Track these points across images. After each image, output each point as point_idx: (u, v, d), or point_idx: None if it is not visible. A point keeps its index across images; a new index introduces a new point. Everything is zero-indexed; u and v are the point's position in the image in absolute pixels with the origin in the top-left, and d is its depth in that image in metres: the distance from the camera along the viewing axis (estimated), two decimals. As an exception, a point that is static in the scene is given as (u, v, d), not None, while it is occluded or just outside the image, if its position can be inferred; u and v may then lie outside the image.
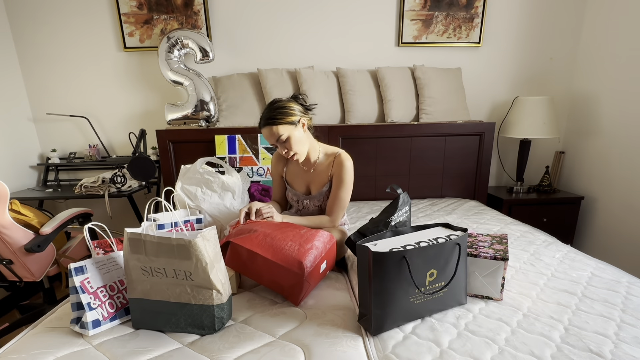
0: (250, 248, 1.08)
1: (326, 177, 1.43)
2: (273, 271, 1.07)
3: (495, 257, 1.04)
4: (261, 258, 1.07)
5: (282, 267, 1.04)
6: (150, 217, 1.39)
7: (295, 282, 1.05)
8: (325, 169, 1.43)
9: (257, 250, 1.07)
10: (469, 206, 2.20)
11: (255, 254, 1.08)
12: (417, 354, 0.84)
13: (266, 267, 1.08)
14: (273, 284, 1.11)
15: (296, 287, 1.05)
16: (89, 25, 2.33)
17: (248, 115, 2.32)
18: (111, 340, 0.92)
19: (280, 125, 1.30)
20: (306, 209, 1.52)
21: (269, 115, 1.32)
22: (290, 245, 1.08)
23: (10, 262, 1.59)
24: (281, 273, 1.06)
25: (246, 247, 1.09)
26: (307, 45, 2.44)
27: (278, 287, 1.10)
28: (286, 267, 1.04)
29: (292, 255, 1.05)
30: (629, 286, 1.16)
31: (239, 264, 1.14)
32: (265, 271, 1.09)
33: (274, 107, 1.33)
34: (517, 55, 2.51)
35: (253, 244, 1.10)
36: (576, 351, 0.84)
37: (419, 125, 2.28)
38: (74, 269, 0.93)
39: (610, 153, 2.28)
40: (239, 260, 1.14)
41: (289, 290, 1.07)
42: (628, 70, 2.14)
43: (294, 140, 1.33)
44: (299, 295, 1.06)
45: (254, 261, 1.10)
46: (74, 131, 2.50)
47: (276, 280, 1.08)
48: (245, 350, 0.86)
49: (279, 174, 1.57)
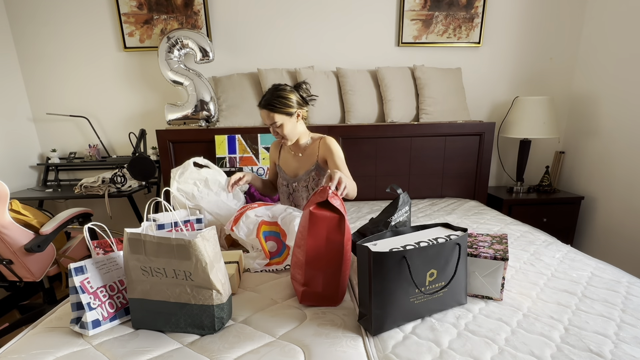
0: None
1: (314, 159, 1.56)
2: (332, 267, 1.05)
3: (495, 257, 1.04)
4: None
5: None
6: (150, 217, 1.39)
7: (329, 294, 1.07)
8: (312, 152, 1.57)
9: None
10: (469, 206, 2.20)
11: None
12: (417, 354, 0.84)
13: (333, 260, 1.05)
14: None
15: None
16: (89, 25, 2.33)
17: (248, 115, 2.32)
18: (111, 340, 0.92)
19: (277, 114, 1.45)
20: (295, 191, 1.64)
21: (269, 101, 1.44)
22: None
23: (10, 262, 1.59)
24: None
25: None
26: (307, 45, 2.44)
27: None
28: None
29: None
30: (629, 286, 1.16)
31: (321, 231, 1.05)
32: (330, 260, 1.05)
33: (275, 94, 1.45)
34: (517, 55, 2.51)
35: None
36: (576, 351, 0.84)
37: (419, 125, 2.28)
38: (74, 269, 0.93)
39: (610, 153, 2.27)
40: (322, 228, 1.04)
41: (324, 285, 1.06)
42: (628, 70, 2.14)
43: (287, 128, 1.48)
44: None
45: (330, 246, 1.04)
46: (74, 131, 2.50)
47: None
48: (245, 350, 0.86)
49: (274, 160, 1.74)
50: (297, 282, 1.10)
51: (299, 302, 1.09)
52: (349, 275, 1.12)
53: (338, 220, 1.03)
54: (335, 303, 1.07)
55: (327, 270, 1.04)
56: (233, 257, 1.26)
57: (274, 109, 1.44)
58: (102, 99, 2.46)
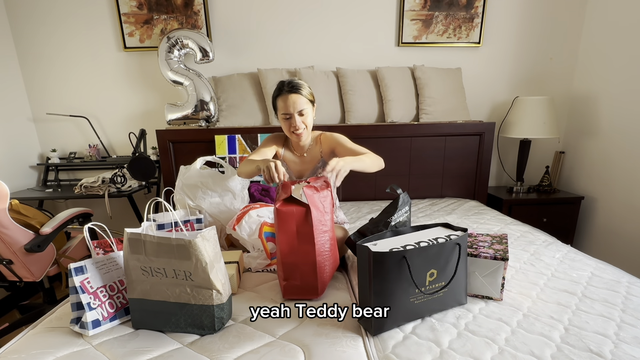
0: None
1: (318, 156, 1.53)
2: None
3: (495, 257, 1.04)
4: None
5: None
6: (150, 217, 1.39)
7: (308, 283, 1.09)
8: (315, 150, 1.54)
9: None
10: (469, 206, 2.20)
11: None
12: (417, 354, 0.84)
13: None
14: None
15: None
16: (89, 25, 2.33)
17: (248, 115, 2.32)
18: (111, 340, 0.92)
19: (305, 99, 1.38)
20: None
21: (296, 85, 1.36)
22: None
23: (10, 262, 1.59)
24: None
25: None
26: (307, 45, 2.44)
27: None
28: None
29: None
30: (629, 286, 1.16)
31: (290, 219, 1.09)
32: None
33: (298, 81, 1.38)
34: (517, 55, 2.51)
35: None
36: (576, 351, 0.84)
37: (419, 125, 2.28)
38: (74, 269, 0.93)
39: (610, 153, 2.27)
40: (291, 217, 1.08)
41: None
42: (628, 71, 2.14)
43: (309, 117, 1.41)
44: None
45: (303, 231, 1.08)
46: (74, 131, 2.50)
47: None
48: (245, 350, 0.86)
49: (275, 150, 1.57)
50: (280, 278, 1.14)
51: (282, 296, 1.12)
52: (330, 266, 1.13)
53: (305, 213, 1.07)
54: (316, 295, 1.10)
55: (303, 262, 1.08)
56: (233, 257, 1.26)
57: (303, 93, 1.37)
58: (102, 99, 2.46)
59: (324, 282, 1.11)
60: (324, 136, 1.52)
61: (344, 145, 1.44)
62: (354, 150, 1.41)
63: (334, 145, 1.47)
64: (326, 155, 1.51)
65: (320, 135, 1.54)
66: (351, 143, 1.46)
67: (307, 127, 1.43)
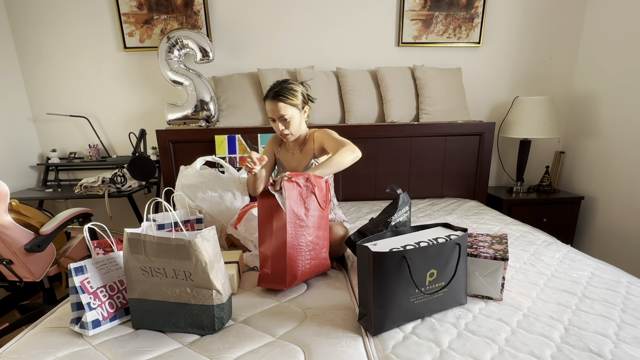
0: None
1: (311, 152, 1.56)
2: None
3: (495, 257, 1.04)
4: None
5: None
6: (150, 217, 1.39)
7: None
8: (309, 147, 1.58)
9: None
10: (469, 206, 2.20)
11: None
12: (417, 354, 0.84)
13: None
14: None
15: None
16: (89, 25, 2.33)
17: (248, 115, 2.32)
18: (111, 340, 0.92)
19: (288, 106, 1.43)
20: None
21: (280, 92, 1.41)
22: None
23: (10, 262, 1.59)
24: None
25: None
26: (307, 45, 2.44)
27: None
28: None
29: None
30: (629, 286, 1.16)
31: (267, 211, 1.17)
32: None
33: (285, 86, 1.43)
34: (517, 55, 2.51)
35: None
36: (576, 351, 0.84)
37: (419, 125, 2.28)
38: (74, 269, 0.93)
39: (610, 153, 2.27)
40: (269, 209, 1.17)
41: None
42: (628, 71, 2.14)
43: (293, 122, 1.46)
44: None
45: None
46: (74, 131, 2.50)
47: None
48: (245, 350, 0.86)
49: (272, 152, 1.68)
50: (259, 268, 1.20)
51: (257, 284, 1.18)
52: (307, 263, 1.17)
53: (279, 205, 1.13)
54: (284, 285, 1.12)
55: (275, 252, 1.14)
56: (233, 257, 1.26)
57: (286, 100, 1.41)
58: (102, 99, 2.46)
59: (294, 275, 1.14)
60: (316, 133, 1.57)
61: (330, 138, 1.49)
62: (337, 141, 1.45)
63: (322, 140, 1.52)
64: (317, 151, 1.55)
65: (313, 133, 1.59)
66: (336, 135, 1.50)
67: (291, 130, 1.47)
